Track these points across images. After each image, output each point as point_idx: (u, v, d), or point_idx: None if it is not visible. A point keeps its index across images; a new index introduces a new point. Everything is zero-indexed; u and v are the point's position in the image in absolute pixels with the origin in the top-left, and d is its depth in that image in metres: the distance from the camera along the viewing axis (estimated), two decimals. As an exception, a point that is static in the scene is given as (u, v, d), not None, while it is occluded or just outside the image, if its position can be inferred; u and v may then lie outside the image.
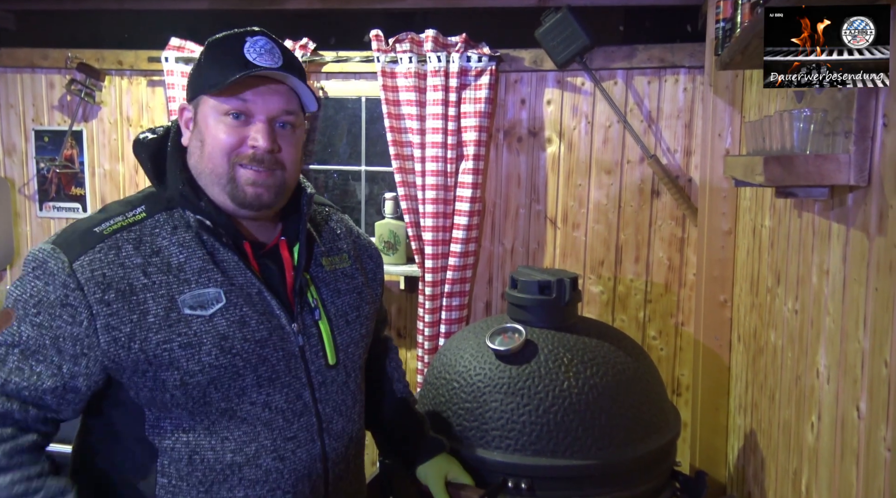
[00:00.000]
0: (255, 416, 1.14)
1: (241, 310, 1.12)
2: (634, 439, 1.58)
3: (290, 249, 1.23)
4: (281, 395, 1.16)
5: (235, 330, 1.11)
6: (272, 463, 1.15)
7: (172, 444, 1.12)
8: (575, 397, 1.55)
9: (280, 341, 1.16)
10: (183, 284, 1.10)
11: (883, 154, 1.06)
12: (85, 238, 1.10)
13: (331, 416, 1.23)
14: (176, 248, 1.12)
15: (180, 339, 1.08)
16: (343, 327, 1.26)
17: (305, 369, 1.19)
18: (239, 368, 1.12)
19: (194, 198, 1.13)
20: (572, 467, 1.52)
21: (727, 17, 2.00)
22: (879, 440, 1.03)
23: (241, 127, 1.13)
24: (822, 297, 1.36)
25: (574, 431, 1.53)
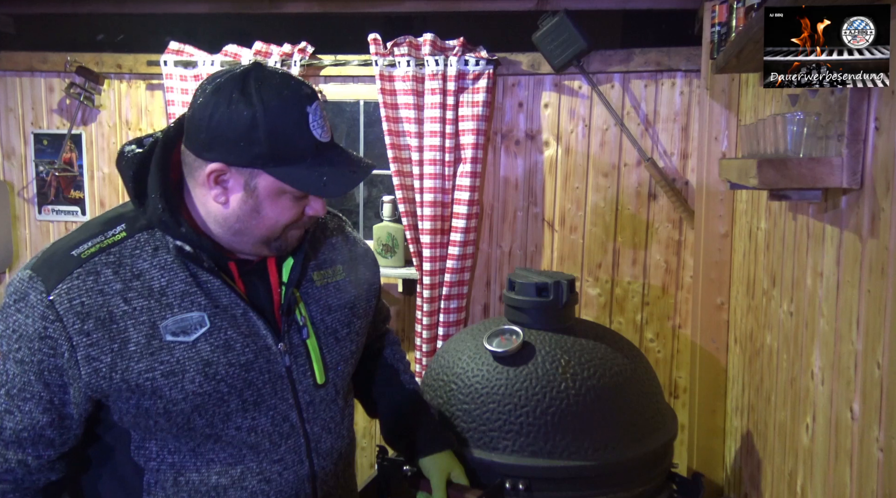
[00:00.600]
0: (241, 440, 1.12)
1: (225, 333, 1.09)
2: (631, 441, 1.58)
3: (279, 265, 1.19)
4: (267, 418, 1.13)
5: (220, 355, 1.08)
6: (258, 485, 1.14)
7: (158, 465, 1.11)
8: (572, 399, 1.56)
9: (266, 363, 1.13)
10: (165, 309, 1.06)
11: (875, 157, 1.07)
12: (63, 263, 1.06)
13: (319, 435, 1.20)
14: (157, 271, 1.08)
15: (163, 367, 1.05)
16: (332, 345, 1.22)
17: (292, 390, 1.16)
18: (223, 394, 1.09)
19: (174, 224, 1.07)
20: (570, 468, 1.52)
21: (723, 22, 2.01)
22: (872, 441, 1.04)
23: (301, 199, 1.10)
24: (816, 299, 1.37)
25: (571, 432, 1.54)
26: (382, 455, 1.80)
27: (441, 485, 1.41)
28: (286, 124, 1.03)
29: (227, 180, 1.06)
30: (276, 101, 1.03)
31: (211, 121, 1.03)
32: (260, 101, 1.02)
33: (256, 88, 1.03)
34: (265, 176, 1.05)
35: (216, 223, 1.10)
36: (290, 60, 2.74)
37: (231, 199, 1.07)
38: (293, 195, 1.08)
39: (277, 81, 1.05)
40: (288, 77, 1.07)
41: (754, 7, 1.51)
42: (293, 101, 1.04)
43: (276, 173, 1.05)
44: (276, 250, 1.14)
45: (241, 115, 1.02)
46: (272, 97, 1.03)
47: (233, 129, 1.02)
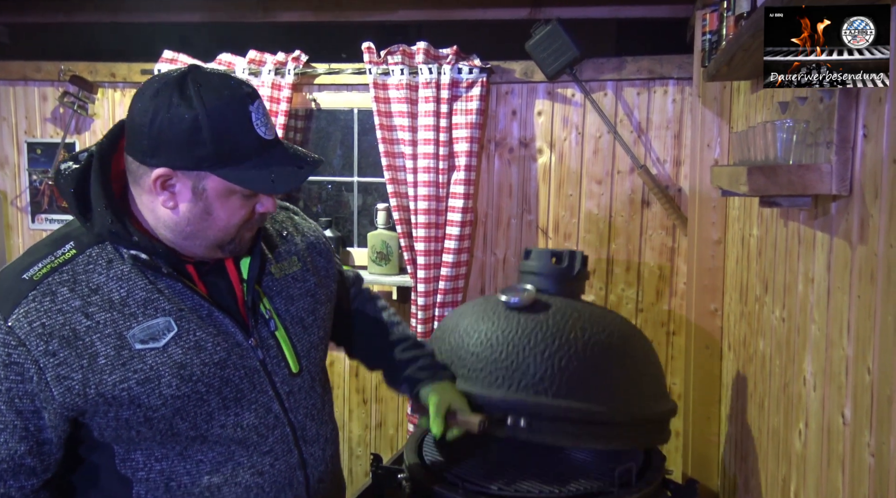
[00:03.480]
0: (228, 437, 1.12)
1: (194, 335, 1.09)
2: (633, 397, 1.60)
3: (237, 262, 1.19)
4: (250, 412, 1.14)
5: (192, 356, 1.08)
6: (251, 479, 1.14)
7: (146, 474, 1.10)
8: (580, 347, 1.57)
9: (239, 359, 1.13)
10: (129, 319, 1.05)
11: (863, 164, 1.08)
12: (15, 288, 1.03)
13: (303, 423, 1.22)
14: (115, 282, 1.06)
15: (137, 376, 1.04)
16: (301, 334, 1.23)
17: (270, 382, 1.17)
18: (202, 394, 1.09)
19: (126, 234, 1.06)
20: (572, 410, 1.52)
21: (713, 30, 2.03)
22: (864, 446, 1.05)
23: (251, 197, 1.10)
24: (807, 305, 1.37)
25: (577, 377, 1.54)
26: (377, 463, 1.79)
27: (439, 410, 1.40)
28: (229, 124, 1.02)
29: (174, 185, 1.05)
30: (217, 101, 1.02)
31: (152, 126, 1.01)
32: (201, 103, 1.01)
33: (196, 90, 1.02)
34: (213, 178, 1.04)
35: (167, 228, 1.09)
36: (283, 69, 2.75)
37: (180, 203, 1.06)
38: (242, 194, 1.07)
39: (217, 82, 1.04)
40: (227, 77, 1.07)
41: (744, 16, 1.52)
42: (235, 100, 1.03)
43: (224, 174, 1.04)
44: (230, 253, 1.14)
45: (182, 118, 1.00)
46: (213, 98, 1.02)
47: (175, 133, 1.01)
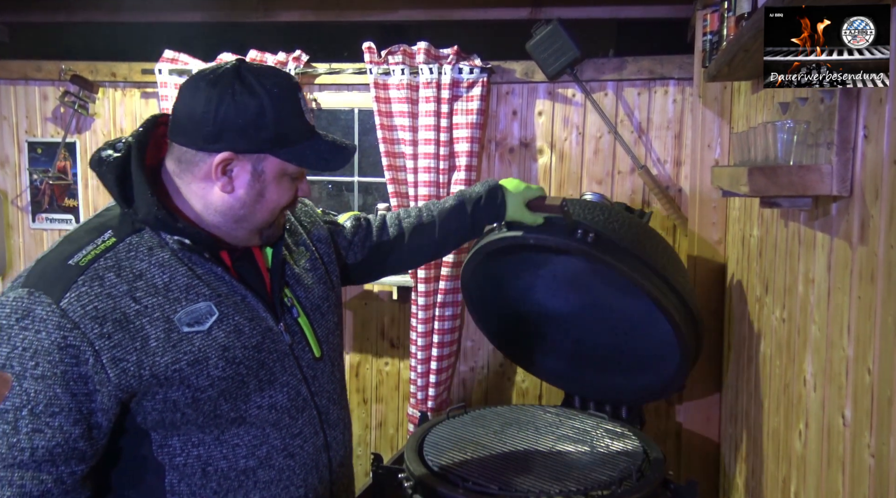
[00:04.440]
0: (263, 418, 1.17)
1: (233, 319, 1.14)
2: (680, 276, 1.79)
3: (262, 252, 1.27)
4: (282, 394, 1.19)
5: (234, 339, 1.13)
6: (283, 461, 1.19)
7: (184, 460, 1.13)
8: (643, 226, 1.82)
9: (272, 343, 1.19)
10: (174, 303, 1.09)
11: (864, 165, 1.08)
12: (62, 274, 1.05)
13: (327, 407, 1.27)
14: (157, 268, 1.10)
15: (187, 357, 1.09)
16: (319, 320, 1.30)
17: (298, 366, 1.23)
18: (243, 376, 1.14)
19: (172, 221, 1.11)
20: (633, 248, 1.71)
21: (714, 31, 2.03)
22: (864, 447, 1.05)
23: (295, 180, 1.20)
24: (808, 305, 1.37)
25: (640, 235, 1.77)
26: (377, 463, 1.80)
27: (520, 204, 1.60)
28: (287, 109, 1.12)
29: (233, 169, 1.12)
30: (276, 88, 1.11)
31: (217, 113, 1.08)
32: (263, 90, 1.10)
33: (255, 79, 1.11)
34: (271, 159, 1.13)
35: (218, 213, 1.15)
36: (284, 69, 2.74)
37: (237, 187, 1.13)
38: (291, 177, 1.17)
39: (270, 72, 1.14)
40: (275, 69, 1.17)
41: (744, 16, 1.52)
42: (288, 88, 1.13)
43: (282, 155, 1.13)
44: (266, 238, 1.22)
45: (248, 104, 1.09)
46: (272, 85, 1.11)
47: (242, 118, 1.09)
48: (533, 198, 1.63)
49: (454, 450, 1.80)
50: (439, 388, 2.76)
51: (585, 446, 1.84)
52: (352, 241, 1.53)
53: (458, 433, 1.90)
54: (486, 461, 1.74)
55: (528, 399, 2.85)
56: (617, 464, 1.72)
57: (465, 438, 1.87)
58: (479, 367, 2.90)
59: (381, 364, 2.99)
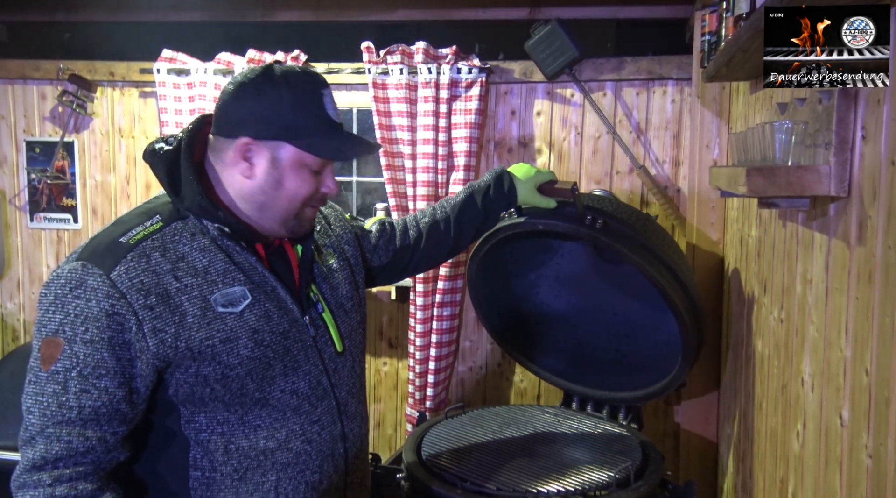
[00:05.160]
0: (285, 402, 1.23)
1: (264, 305, 1.21)
2: (685, 268, 1.82)
3: (293, 248, 1.33)
4: (304, 381, 1.25)
5: (263, 324, 1.20)
6: (301, 446, 1.25)
7: (208, 436, 1.20)
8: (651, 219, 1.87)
9: (298, 333, 1.26)
10: (212, 285, 1.18)
11: (862, 165, 1.08)
12: (113, 250, 1.15)
13: (346, 399, 1.33)
14: (198, 252, 1.20)
15: (220, 335, 1.16)
16: (343, 317, 1.36)
17: (320, 357, 1.29)
18: (270, 359, 1.21)
19: (213, 210, 1.20)
20: (640, 236, 1.75)
21: (713, 31, 2.03)
22: (861, 448, 1.05)
23: (317, 175, 1.24)
24: (805, 306, 1.37)
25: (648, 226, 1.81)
26: (376, 463, 1.80)
27: (536, 199, 1.68)
28: (306, 101, 1.20)
29: (253, 155, 1.20)
30: (297, 80, 1.20)
31: (242, 104, 1.19)
32: (285, 82, 1.19)
33: (281, 73, 1.20)
34: (288, 147, 1.20)
35: (242, 199, 1.23)
36: (283, 68, 2.75)
37: (256, 172, 1.21)
38: (310, 168, 1.22)
39: (299, 70, 1.23)
40: (307, 69, 1.25)
41: (743, 17, 1.52)
42: (311, 82, 1.21)
43: (298, 144, 1.19)
44: (292, 231, 1.27)
45: (268, 95, 1.18)
46: (294, 78, 1.20)
47: (261, 107, 1.18)
48: (544, 182, 1.69)
49: (452, 450, 1.80)
50: (437, 388, 2.76)
51: (584, 447, 1.84)
52: (376, 245, 1.59)
53: (457, 433, 1.90)
54: (484, 461, 1.74)
55: (527, 399, 2.85)
56: (615, 464, 1.72)
57: (463, 439, 1.87)
58: (478, 367, 2.90)
59: (379, 364, 2.99)
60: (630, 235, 1.74)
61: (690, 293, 1.80)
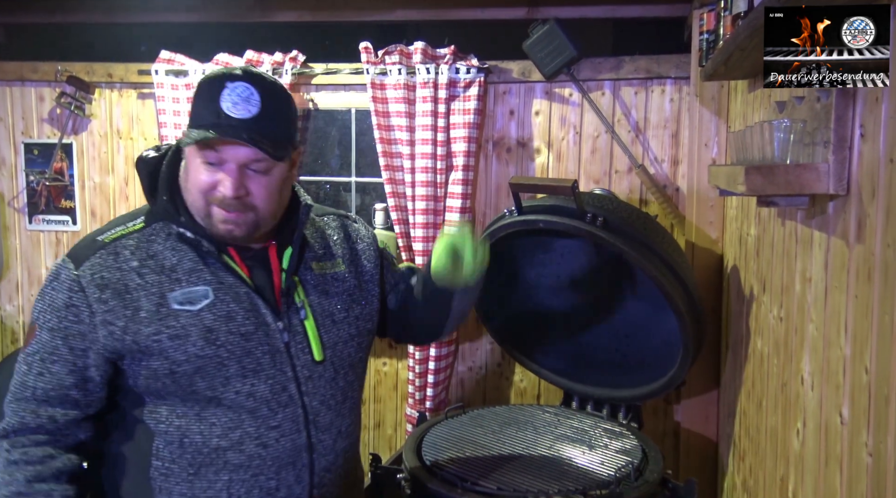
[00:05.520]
0: (240, 404, 1.22)
1: (228, 306, 1.22)
2: (684, 266, 1.84)
3: (280, 253, 1.32)
4: (265, 385, 1.24)
5: (221, 324, 1.21)
6: (255, 449, 1.24)
7: (166, 428, 1.23)
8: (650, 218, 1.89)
9: (265, 336, 1.25)
10: (174, 283, 1.22)
11: (861, 163, 1.08)
12: (88, 246, 1.24)
13: (318, 409, 1.29)
14: (170, 251, 1.24)
15: (169, 331, 1.19)
16: (329, 326, 1.33)
17: (291, 364, 1.27)
18: (223, 359, 1.21)
19: (174, 213, 1.25)
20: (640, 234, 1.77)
21: (711, 30, 2.03)
22: (861, 446, 1.05)
23: (215, 170, 1.20)
24: (805, 304, 1.37)
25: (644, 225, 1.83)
26: (376, 463, 1.80)
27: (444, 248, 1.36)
28: (206, 94, 1.19)
29: (183, 153, 1.25)
30: (212, 76, 1.20)
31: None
32: (205, 78, 1.22)
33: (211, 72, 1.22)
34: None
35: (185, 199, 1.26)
36: (281, 69, 2.74)
37: (183, 167, 1.26)
38: (203, 161, 1.20)
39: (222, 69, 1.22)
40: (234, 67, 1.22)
41: (741, 15, 1.52)
42: (220, 76, 1.20)
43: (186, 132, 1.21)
44: (212, 233, 1.24)
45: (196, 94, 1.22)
46: (212, 74, 1.21)
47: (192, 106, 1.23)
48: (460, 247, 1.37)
49: (453, 450, 1.80)
50: (437, 388, 2.76)
51: (584, 446, 1.84)
52: (396, 284, 1.51)
53: (457, 433, 1.90)
54: (484, 461, 1.74)
55: (527, 399, 2.85)
56: (615, 463, 1.72)
57: (463, 438, 1.87)
58: (478, 367, 2.90)
59: (378, 364, 2.99)
60: (630, 233, 1.74)
61: (690, 291, 1.80)
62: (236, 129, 1.16)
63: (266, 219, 1.26)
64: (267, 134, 1.18)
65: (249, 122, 1.18)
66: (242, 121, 1.17)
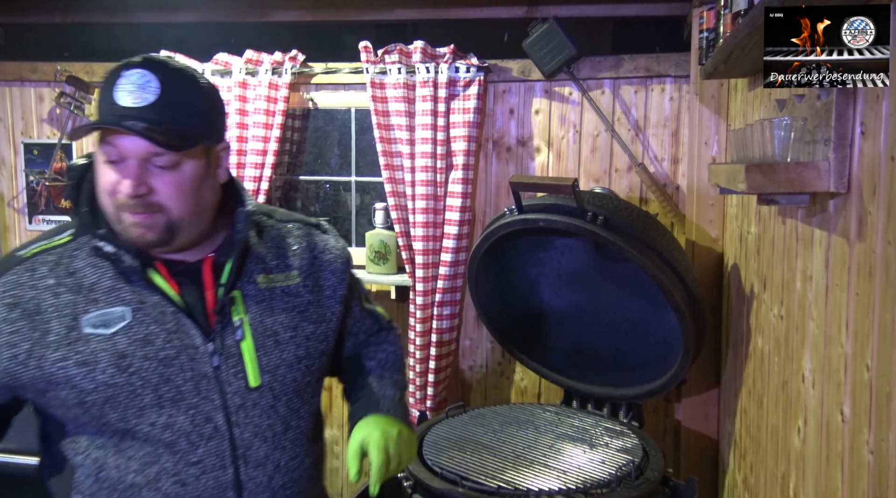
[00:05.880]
0: (156, 437, 1.11)
1: (147, 328, 1.10)
2: (684, 265, 1.87)
3: (218, 267, 1.18)
4: (186, 416, 1.12)
5: (136, 348, 1.09)
6: (171, 487, 1.12)
7: (83, 459, 1.13)
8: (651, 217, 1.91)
9: (189, 361, 1.12)
10: (91, 304, 1.10)
11: (861, 161, 1.08)
12: (7, 261, 1.14)
13: (250, 441, 1.16)
14: (91, 268, 1.12)
15: (76, 357, 1.08)
16: (271, 348, 1.18)
17: (220, 391, 1.14)
18: (136, 388, 1.09)
19: (93, 225, 1.13)
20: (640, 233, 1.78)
21: (710, 28, 2.03)
22: (863, 444, 1.05)
23: (117, 170, 1.08)
24: (806, 302, 1.37)
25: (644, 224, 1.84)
26: (376, 463, 1.79)
27: (353, 454, 1.25)
28: (104, 87, 1.08)
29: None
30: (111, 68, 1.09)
31: None
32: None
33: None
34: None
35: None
36: (280, 68, 2.74)
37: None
38: (105, 158, 1.08)
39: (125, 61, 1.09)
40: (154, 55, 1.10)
41: (741, 13, 1.52)
42: (119, 65, 1.08)
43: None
44: (124, 236, 1.11)
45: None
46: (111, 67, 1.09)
47: None
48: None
49: (453, 449, 1.80)
50: (438, 387, 2.76)
51: (585, 445, 1.84)
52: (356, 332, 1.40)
53: (458, 432, 1.90)
54: (485, 460, 1.74)
55: (527, 398, 2.85)
56: (616, 462, 1.72)
57: (464, 437, 1.87)
58: (478, 366, 2.90)
59: (379, 364, 2.99)
60: (630, 232, 1.74)
61: (691, 289, 1.80)
62: (125, 118, 1.04)
63: (182, 222, 1.11)
64: (166, 123, 1.05)
65: (144, 111, 1.05)
66: (135, 109, 1.04)
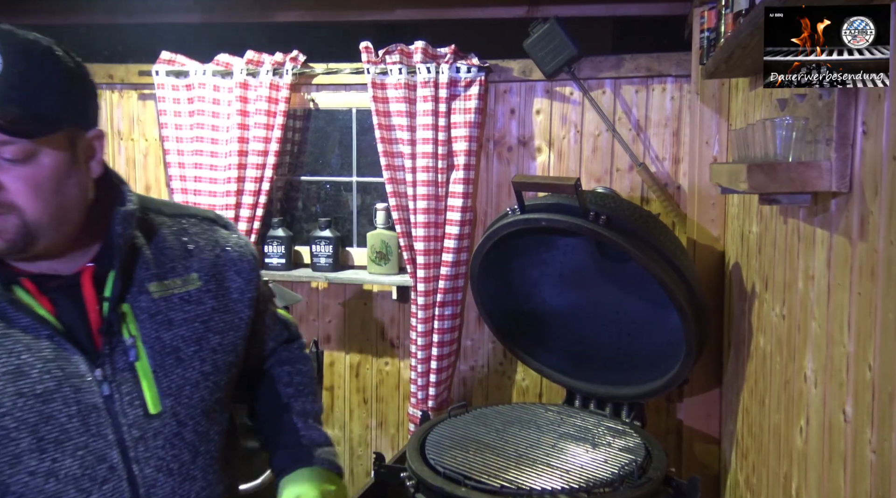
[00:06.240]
0: (37, 489, 0.93)
1: (18, 358, 0.92)
2: (687, 263, 1.86)
3: (99, 278, 1.01)
4: (73, 459, 0.94)
5: (7, 384, 0.92)
6: None
7: None
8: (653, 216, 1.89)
9: (73, 393, 0.95)
10: None
11: (863, 161, 1.08)
12: None
13: (153, 478, 1.00)
14: None
15: None
16: (172, 366, 1.02)
17: (113, 424, 0.97)
18: (10, 431, 0.91)
19: None
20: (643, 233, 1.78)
21: (711, 27, 2.03)
22: (865, 443, 1.05)
23: None
24: (808, 302, 1.37)
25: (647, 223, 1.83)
26: (379, 462, 1.80)
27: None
28: None
29: None
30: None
31: None
32: None
33: None
34: None
35: None
36: (281, 69, 2.75)
37: None
38: None
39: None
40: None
41: (742, 13, 1.52)
42: None
43: None
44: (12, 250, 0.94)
45: None
46: None
47: None
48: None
49: (456, 449, 1.80)
50: (440, 387, 2.76)
51: (587, 444, 1.84)
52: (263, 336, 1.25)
53: (460, 432, 1.90)
54: (488, 459, 1.74)
55: (529, 397, 2.86)
56: (619, 461, 1.72)
57: (466, 437, 1.87)
58: (480, 366, 2.90)
59: (381, 364, 2.99)
60: (632, 231, 1.74)
61: (693, 289, 1.80)
62: None
63: (40, 225, 0.92)
64: (12, 103, 0.88)
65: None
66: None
